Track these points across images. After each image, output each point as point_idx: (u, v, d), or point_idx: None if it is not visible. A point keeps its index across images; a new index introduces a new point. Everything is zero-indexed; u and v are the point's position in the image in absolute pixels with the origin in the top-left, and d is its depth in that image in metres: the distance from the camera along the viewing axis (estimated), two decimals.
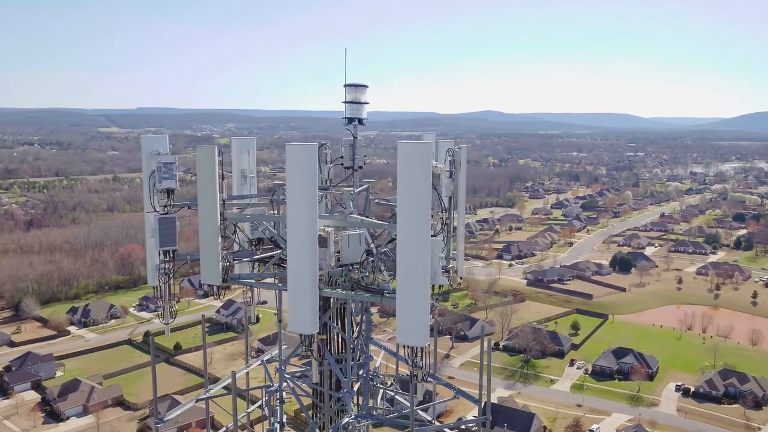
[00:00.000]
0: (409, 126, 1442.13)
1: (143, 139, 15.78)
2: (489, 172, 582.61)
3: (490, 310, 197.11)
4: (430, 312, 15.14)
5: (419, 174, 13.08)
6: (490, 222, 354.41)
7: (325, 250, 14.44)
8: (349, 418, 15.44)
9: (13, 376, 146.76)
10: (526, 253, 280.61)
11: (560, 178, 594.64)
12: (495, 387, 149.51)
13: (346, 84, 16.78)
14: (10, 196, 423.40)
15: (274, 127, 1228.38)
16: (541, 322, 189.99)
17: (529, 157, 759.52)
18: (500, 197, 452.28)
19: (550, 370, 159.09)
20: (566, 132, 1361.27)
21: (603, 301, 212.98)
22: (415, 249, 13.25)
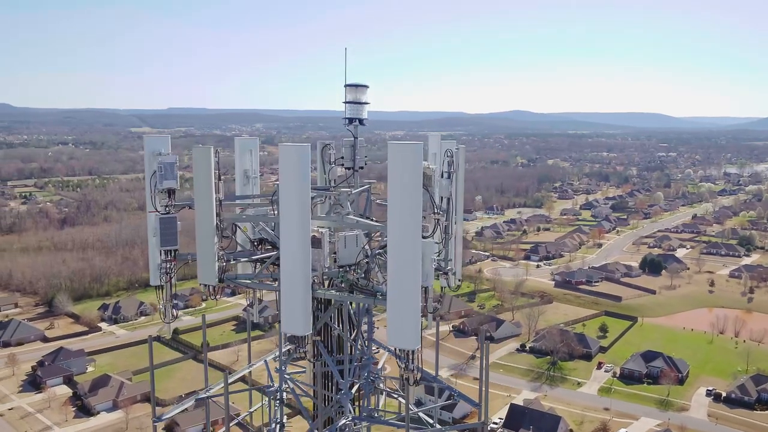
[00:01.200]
0: (437, 126, 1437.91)
1: (145, 140, 15.95)
2: (517, 172, 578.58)
3: (516, 312, 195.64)
4: (433, 314, 14.99)
5: (409, 175, 12.97)
6: (517, 222, 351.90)
7: (320, 251, 14.38)
8: (346, 420, 15.37)
9: (46, 371, 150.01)
10: (554, 254, 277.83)
11: (590, 178, 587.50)
12: (521, 389, 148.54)
13: (346, 84, 16.73)
14: (45, 195, 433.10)
15: (303, 127, 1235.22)
16: (568, 323, 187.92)
17: (558, 157, 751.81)
18: (528, 197, 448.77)
19: (578, 373, 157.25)
20: (596, 132, 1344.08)
21: (632, 304, 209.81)
22: (406, 251, 13.12)
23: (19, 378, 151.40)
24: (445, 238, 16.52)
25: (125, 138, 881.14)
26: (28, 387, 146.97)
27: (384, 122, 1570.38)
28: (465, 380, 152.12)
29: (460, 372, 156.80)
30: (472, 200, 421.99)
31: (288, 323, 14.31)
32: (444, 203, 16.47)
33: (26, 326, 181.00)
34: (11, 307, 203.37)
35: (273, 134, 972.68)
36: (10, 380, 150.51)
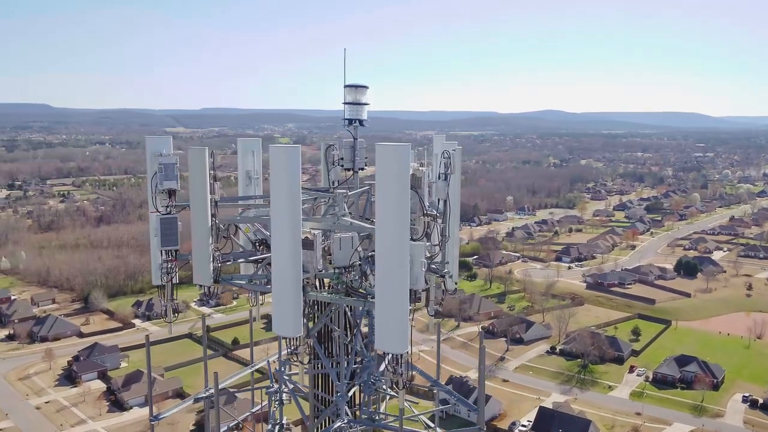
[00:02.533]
0: (468, 126, 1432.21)
1: (147, 140, 16.12)
2: (549, 172, 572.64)
3: (547, 313, 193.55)
4: (435, 317, 14.84)
5: (397, 176, 12.87)
6: (549, 223, 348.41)
7: (312, 253, 14.35)
8: (341, 423, 15.31)
9: (81, 366, 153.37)
10: (586, 255, 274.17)
11: (624, 179, 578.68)
12: (550, 391, 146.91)
13: (345, 85, 16.66)
14: (82, 193, 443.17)
15: (334, 127, 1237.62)
16: (600, 326, 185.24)
17: (591, 158, 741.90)
18: (560, 198, 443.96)
19: (609, 376, 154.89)
20: (631, 132, 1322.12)
21: (666, 307, 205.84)
22: (394, 253, 13.01)
23: (56, 372, 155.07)
24: (441, 240, 16.35)
25: None
26: (64, 381, 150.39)
27: (415, 122, 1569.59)
28: (494, 382, 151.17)
29: (488, 373, 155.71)
30: (504, 200, 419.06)
31: (279, 325, 14.34)
32: (441, 205, 16.30)
33: (63, 322, 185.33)
34: (49, 303, 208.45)
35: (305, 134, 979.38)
36: (47, 374, 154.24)
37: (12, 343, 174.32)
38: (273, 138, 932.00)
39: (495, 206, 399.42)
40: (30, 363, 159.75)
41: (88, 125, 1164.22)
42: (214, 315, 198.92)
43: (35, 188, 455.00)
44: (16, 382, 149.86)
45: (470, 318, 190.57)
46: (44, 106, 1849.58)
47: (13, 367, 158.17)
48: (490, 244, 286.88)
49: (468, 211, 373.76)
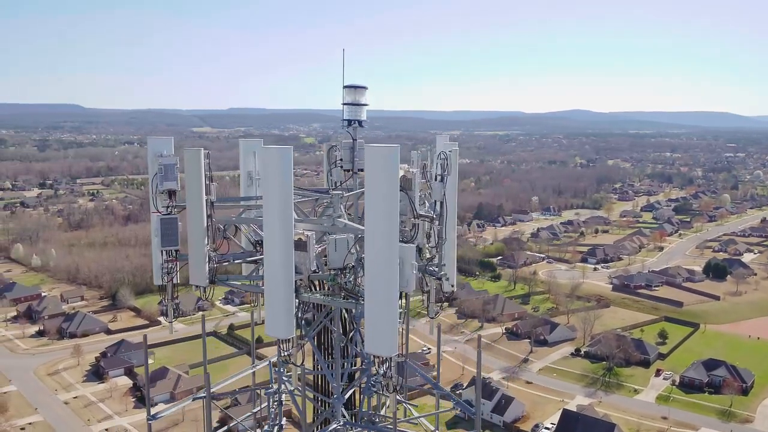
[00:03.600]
0: (493, 125, 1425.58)
1: (149, 141, 16.27)
2: (575, 172, 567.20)
3: (572, 315, 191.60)
4: (435, 319, 14.71)
5: (385, 178, 12.78)
6: (574, 224, 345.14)
7: (305, 254, 14.34)
8: (336, 425, 15.27)
9: (109, 362, 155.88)
10: (613, 256, 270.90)
11: (651, 179, 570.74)
12: (574, 394, 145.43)
13: (344, 85, 16.62)
14: (110, 192, 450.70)
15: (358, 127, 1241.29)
16: (626, 329, 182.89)
17: (618, 158, 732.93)
18: (586, 198, 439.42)
19: (634, 380, 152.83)
20: (660, 131, 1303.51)
21: (694, 310, 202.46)
22: (383, 255, 12.95)
23: (84, 368, 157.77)
24: (438, 242, 16.22)
25: (187, 138, 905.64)
26: (92, 377, 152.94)
27: (440, 122, 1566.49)
28: (517, 384, 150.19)
29: (512, 375, 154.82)
30: (529, 201, 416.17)
31: (270, 326, 14.36)
32: (437, 207, 16.17)
33: (91, 318, 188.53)
34: (78, 300, 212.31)
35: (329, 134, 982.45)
36: (75, 370, 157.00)
37: (42, 338, 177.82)
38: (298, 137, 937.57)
39: (520, 207, 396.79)
40: (59, 359, 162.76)
41: (118, 125, 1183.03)
42: (238, 313, 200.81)
43: (65, 187, 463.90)
44: (46, 377, 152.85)
45: (494, 319, 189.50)
46: (75, 107, 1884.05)
47: (42, 362, 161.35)
48: (514, 244, 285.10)
49: (492, 212, 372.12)
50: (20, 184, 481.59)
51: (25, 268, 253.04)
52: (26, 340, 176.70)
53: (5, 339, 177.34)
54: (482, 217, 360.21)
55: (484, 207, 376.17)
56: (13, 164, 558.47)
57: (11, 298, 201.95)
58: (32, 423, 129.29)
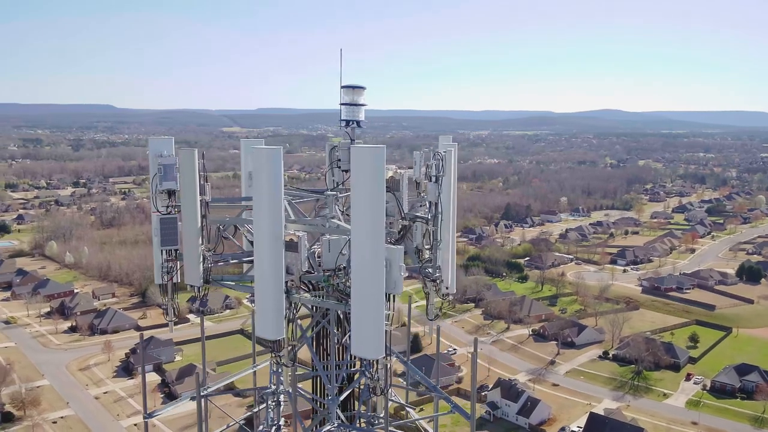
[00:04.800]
0: (522, 125, 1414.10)
1: (150, 142, 16.39)
2: (605, 173, 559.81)
3: (600, 317, 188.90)
4: (435, 321, 14.56)
5: (371, 179, 12.70)
6: (604, 225, 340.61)
7: (296, 255, 14.27)
8: (331, 426, 15.20)
9: (138, 358, 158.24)
10: (643, 258, 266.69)
11: (684, 180, 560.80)
12: (602, 397, 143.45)
13: (342, 86, 16.53)
14: (142, 191, 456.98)
15: (386, 127, 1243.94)
16: (655, 332, 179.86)
17: (650, 158, 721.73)
18: (617, 199, 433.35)
19: (664, 384, 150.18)
20: (693, 131, 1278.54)
21: (726, 313, 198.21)
22: (368, 257, 12.86)
23: (114, 364, 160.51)
24: (433, 244, 16.04)
25: (217, 137, 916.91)
26: (122, 373, 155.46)
27: (468, 122, 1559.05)
28: (543, 386, 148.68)
29: (538, 377, 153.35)
30: (557, 201, 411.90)
31: (261, 327, 14.37)
32: (432, 208, 15.99)
33: (121, 315, 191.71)
34: (109, 297, 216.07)
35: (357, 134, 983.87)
36: (106, 366, 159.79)
37: (74, 334, 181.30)
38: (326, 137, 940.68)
39: (548, 207, 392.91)
40: (90, 354, 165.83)
41: (150, 125, 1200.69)
42: None
43: (98, 186, 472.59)
44: (77, 372, 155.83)
45: (520, 320, 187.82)
46: (108, 107, 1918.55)
47: (74, 357, 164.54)
48: (542, 245, 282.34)
49: (520, 212, 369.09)
50: (55, 182, 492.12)
51: (58, 265, 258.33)
52: (59, 336, 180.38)
53: (39, 334, 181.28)
54: (510, 217, 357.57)
55: (512, 207, 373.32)
56: (48, 163, 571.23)
57: (45, 295, 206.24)
58: (64, 417, 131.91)
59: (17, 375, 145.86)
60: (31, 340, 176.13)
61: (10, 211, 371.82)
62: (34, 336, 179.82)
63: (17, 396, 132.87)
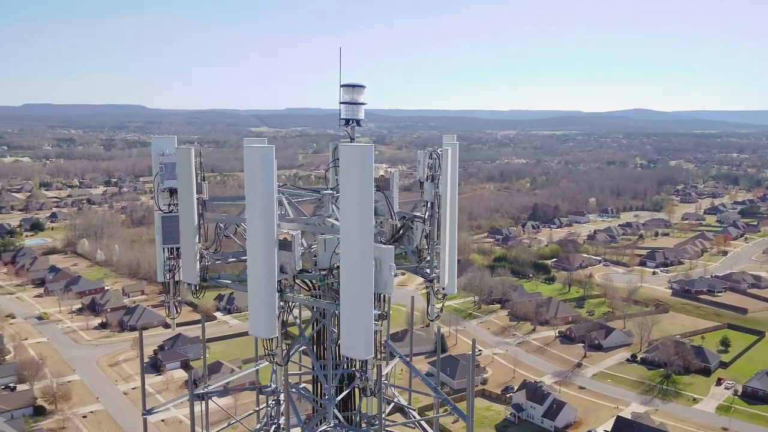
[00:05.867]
0: (550, 125, 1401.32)
1: (153, 141, 16.54)
2: (635, 173, 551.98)
3: (628, 320, 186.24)
4: (436, 321, 14.40)
5: (359, 177, 12.62)
6: (633, 226, 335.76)
7: (290, 254, 14.28)
8: (326, 426, 15.16)
9: (166, 355, 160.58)
10: (673, 260, 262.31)
11: (716, 181, 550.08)
12: (629, 401, 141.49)
13: (342, 84, 16.48)
14: None
15: (413, 127, 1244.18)
16: (685, 335, 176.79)
17: (681, 158, 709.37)
18: (647, 200, 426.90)
19: (693, 388, 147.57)
20: (726, 131, 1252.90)
21: (759, 317, 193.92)
22: (357, 256, 12.79)
23: None
24: (430, 244, 15.91)
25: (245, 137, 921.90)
26: (150, 369, 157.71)
27: (496, 122, 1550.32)
28: (570, 389, 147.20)
29: (564, 379, 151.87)
30: (586, 202, 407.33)
31: (253, 326, 14.41)
32: (429, 208, 15.86)
33: (150, 312, 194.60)
34: (138, 294, 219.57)
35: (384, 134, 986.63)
36: (135, 362, 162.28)
37: (104, 330, 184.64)
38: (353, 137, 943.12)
39: (576, 208, 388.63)
40: (120, 350, 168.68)
41: (180, 125, 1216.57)
42: None
43: (129, 185, 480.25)
44: (107, 367, 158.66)
45: (547, 322, 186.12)
46: (139, 107, 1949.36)
47: (104, 353, 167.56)
48: (570, 246, 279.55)
49: (548, 213, 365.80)
50: (87, 181, 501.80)
51: (89, 263, 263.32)
52: (89, 332, 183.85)
53: (70, 330, 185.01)
54: (537, 218, 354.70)
55: (540, 208, 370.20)
56: (81, 162, 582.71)
57: (77, 291, 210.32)
58: (93, 411, 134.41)
59: (49, 370, 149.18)
60: (62, 336, 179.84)
61: (44, 209, 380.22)
62: (65, 332, 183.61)
63: (49, 390, 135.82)
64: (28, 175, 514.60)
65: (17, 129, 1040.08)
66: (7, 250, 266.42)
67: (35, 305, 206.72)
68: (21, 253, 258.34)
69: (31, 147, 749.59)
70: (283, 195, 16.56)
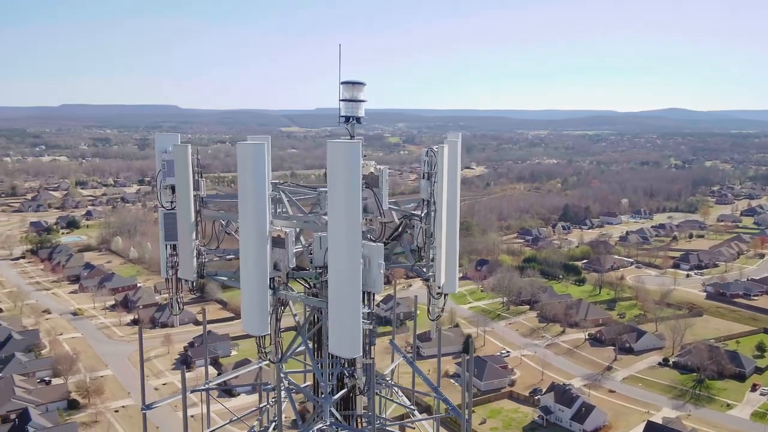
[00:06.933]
0: (583, 125, 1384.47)
1: (156, 138, 16.66)
2: (669, 174, 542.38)
3: (660, 323, 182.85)
4: (435, 321, 14.23)
5: (346, 174, 12.54)
6: (667, 228, 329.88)
7: (283, 251, 14.26)
8: (323, 425, 15.10)
9: (195, 352, 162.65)
10: (708, 263, 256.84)
11: (754, 182, 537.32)
12: (660, 406, 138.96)
13: (342, 81, 16.39)
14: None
15: (444, 127, 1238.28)
16: (719, 339, 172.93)
17: (717, 159, 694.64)
18: (681, 201, 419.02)
19: (727, 394, 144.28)
20: (765, 131, 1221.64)
21: None
22: (344, 254, 12.70)
23: (173, 356, 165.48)
24: (426, 242, 15.72)
25: (276, 137, 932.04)
26: (180, 365, 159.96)
27: (528, 121, 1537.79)
28: (599, 392, 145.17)
29: (594, 382, 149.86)
30: (618, 203, 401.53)
31: (246, 322, 14.44)
32: (424, 206, 15.68)
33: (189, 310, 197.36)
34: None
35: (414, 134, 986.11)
36: (165, 358, 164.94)
37: (136, 327, 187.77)
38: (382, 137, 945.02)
39: (608, 209, 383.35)
40: (151, 347, 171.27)
41: (212, 125, 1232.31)
42: None
43: None
44: (138, 363, 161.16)
45: (576, 324, 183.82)
46: (173, 107, 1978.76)
47: (136, 349, 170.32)
48: (601, 248, 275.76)
49: (579, 214, 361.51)
50: (121, 180, 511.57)
51: (123, 260, 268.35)
52: (122, 328, 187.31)
53: (104, 326, 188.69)
54: (568, 219, 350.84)
55: (570, 209, 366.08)
56: (115, 162, 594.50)
57: (110, 288, 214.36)
58: (125, 406, 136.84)
59: (83, 364, 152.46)
60: (96, 332, 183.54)
61: (79, 207, 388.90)
62: (99, 327, 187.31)
63: (82, 385, 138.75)
64: (65, 173, 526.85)
65: (55, 129, 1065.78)
66: (44, 247, 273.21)
67: (70, 301, 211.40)
68: (57, 250, 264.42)
69: (68, 146, 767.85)
70: (283, 192, 16.61)
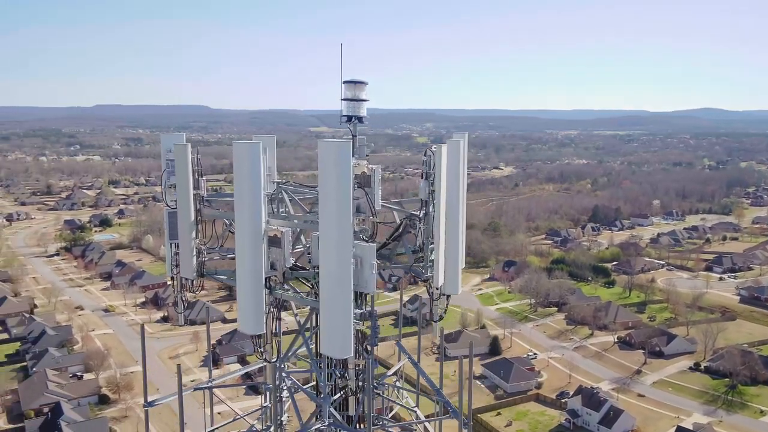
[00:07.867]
0: (614, 125, 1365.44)
1: (162, 138, 16.75)
2: (703, 175, 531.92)
3: (692, 327, 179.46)
4: (437, 321, 14.09)
5: (337, 174, 12.47)
6: (700, 230, 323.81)
7: (280, 251, 14.22)
8: (321, 425, 15.05)
9: (223, 350, 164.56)
10: (742, 266, 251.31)
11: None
12: (691, 411, 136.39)
13: (343, 81, 16.29)
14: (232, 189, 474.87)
15: (472, 126, 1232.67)
16: (753, 344, 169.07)
17: (752, 159, 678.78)
18: (714, 203, 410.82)
19: (761, 400, 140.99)
20: None
21: None
22: (335, 254, 12.64)
23: (201, 354, 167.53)
24: (424, 242, 15.57)
25: (304, 137, 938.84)
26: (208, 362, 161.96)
27: (557, 121, 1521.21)
28: (628, 396, 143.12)
29: (623, 386, 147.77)
30: (649, 204, 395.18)
31: (242, 322, 14.44)
32: (423, 206, 15.53)
33: (210, 308, 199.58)
34: (198, 290, 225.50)
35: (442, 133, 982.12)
36: (194, 355, 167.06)
37: (166, 324, 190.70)
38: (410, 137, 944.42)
39: (639, 210, 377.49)
40: (180, 343, 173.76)
41: (241, 125, 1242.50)
42: None
43: None
44: (168, 360, 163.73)
45: (605, 327, 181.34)
46: (203, 107, 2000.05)
47: (165, 346, 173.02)
48: (631, 249, 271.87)
49: (609, 215, 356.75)
50: (153, 179, 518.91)
51: (153, 258, 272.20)
52: (152, 325, 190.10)
53: (134, 323, 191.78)
54: (598, 220, 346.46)
55: (600, 210, 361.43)
56: (147, 161, 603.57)
57: (141, 285, 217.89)
58: None
59: (113, 360, 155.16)
60: (126, 328, 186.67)
61: (112, 206, 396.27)
62: (129, 324, 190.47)
63: (113, 380, 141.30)
64: (98, 173, 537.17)
65: (89, 129, 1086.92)
66: (77, 245, 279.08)
67: (102, 298, 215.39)
68: (90, 248, 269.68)
69: (101, 146, 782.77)
70: (285, 192, 16.66)
